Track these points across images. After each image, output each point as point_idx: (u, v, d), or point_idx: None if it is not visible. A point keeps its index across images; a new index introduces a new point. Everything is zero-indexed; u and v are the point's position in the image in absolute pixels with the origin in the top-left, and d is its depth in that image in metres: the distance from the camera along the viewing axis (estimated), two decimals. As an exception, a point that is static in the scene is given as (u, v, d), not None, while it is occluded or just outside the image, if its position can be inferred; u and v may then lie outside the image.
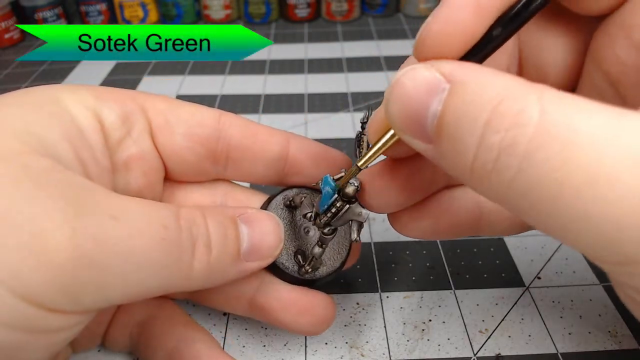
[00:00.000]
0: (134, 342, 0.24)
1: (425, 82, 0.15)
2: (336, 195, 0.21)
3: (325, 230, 0.22)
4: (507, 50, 0.20)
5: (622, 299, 0.16)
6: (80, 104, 0.20)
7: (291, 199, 0.24)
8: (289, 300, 0.23)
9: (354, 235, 0.21)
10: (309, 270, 0.22)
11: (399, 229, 0.22)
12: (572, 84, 0.20)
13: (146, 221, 0.17)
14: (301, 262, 0.23)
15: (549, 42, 0.19)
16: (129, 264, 0.16)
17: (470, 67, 0.15)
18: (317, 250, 0.22)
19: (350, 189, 0.20)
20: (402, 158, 0.20)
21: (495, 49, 0.16)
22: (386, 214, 0.22)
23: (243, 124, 0.24)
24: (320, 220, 0.21)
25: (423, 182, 0.21)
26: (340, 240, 0.24)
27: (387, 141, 0.18)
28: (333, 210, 0.21)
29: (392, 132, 0.17)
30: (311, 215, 0.23)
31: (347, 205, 0.21)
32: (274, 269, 0.23)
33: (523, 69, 0.20)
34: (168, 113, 0.22)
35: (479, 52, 0.16)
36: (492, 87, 0.13)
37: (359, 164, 0.19)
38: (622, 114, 0.12)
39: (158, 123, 0.22)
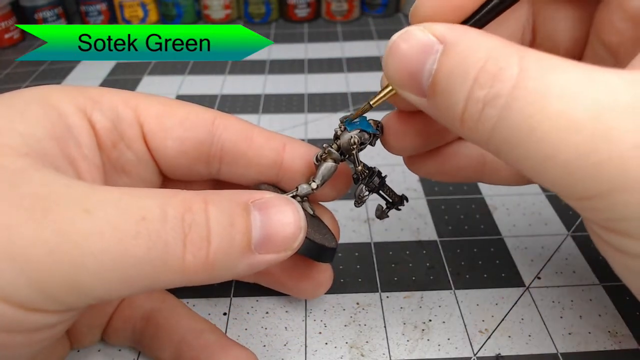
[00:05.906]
0: (137, 336, 0.24)
1: (421, 44, 0.16)
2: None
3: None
4: (520, 21, 0.21)
5: (594, 241, 0.17)
6: (70, 102, 0.20)
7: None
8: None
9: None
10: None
11: (410, 166, 0.24)
12: (580, 54, 0.21)
13: (121, 213, 0.15)
14: None
15: (559, 14, 0.21)
16: (103, 261, 0.15)
17: (460, 30, 0.16)
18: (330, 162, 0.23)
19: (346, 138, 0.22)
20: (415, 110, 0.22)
21: (496, 17, 0.18)
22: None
23: (239, 128, 0.23)
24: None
25: (434, 132, 0.22)
26: (329, 236, 0.24)
27: (386, 93, 0.20)
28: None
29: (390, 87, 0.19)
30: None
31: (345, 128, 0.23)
32: None
33: (536, 39, 0.21)
34: (161, 117, 0.22)
35: (478, 18, 0.18)
36: (479, 48, 0.15)
37: (371, 102, 0.21)
38: (592, 70, 0.14)
39: (150, 127, 0.22)
